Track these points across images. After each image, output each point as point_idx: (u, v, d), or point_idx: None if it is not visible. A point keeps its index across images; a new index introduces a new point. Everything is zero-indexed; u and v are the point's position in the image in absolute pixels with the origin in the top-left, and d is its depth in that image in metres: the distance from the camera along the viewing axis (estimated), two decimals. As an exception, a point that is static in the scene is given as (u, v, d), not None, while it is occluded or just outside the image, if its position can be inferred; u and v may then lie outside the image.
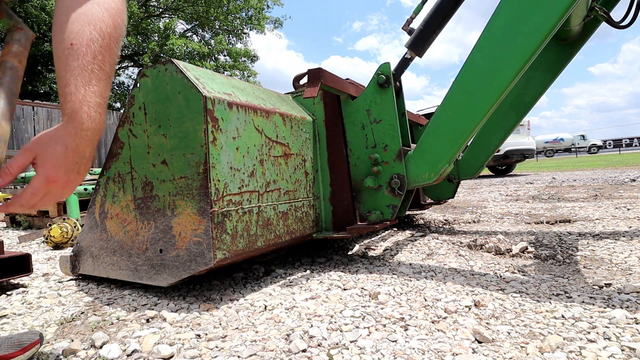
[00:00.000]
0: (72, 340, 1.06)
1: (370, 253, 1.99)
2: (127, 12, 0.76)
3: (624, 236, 2.07)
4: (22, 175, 4.02)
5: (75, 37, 0.66)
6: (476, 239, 2.08)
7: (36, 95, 12.06)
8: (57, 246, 2.54)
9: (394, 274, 1.57)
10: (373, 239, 2.37)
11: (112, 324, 1.18)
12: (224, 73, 13.77)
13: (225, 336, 1.05)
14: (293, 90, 1.99)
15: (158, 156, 1.34)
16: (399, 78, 1.81)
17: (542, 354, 0.88)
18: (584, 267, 1.59)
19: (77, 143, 0.65)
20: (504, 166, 9.90)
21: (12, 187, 4.29)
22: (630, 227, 2.30)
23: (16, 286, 1.62)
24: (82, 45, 0.66)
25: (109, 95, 0.72)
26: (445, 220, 2.94)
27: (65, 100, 0.65)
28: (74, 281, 1.66)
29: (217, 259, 1.23)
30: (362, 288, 1.40)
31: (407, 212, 2.72)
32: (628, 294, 1.22)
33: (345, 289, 1.40)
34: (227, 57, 16.68)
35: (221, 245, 1.25)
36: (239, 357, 0.93)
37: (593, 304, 1.16)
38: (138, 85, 1.38)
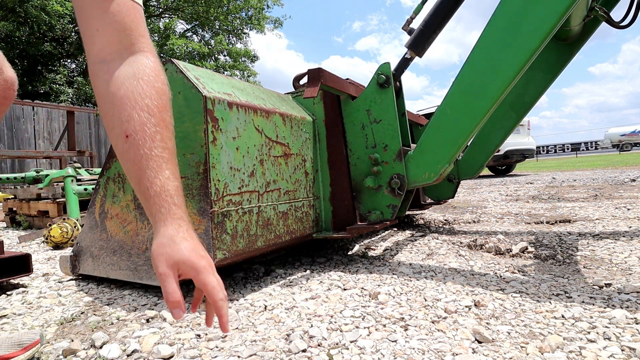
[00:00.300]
0: (72, 340, 1.06)
1: (370, 253, 1.99)
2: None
3: (624, 236, 2.07)
4: (22, 175, 4.02)
5: (127, 126, 0.63)
6: (476, 239, 2.08)
7: (36, 95, 12.06)
8: (57, 246, 2.54)
9: (394, 274, 1.57)
10: (373, 239, 2.37)
11: (112, 324, 1.18)
12: (224, 73, 13.78)
13: (225, 336, 1.05)
14: (293, 90, 1.99)
15: (158, 156, 1.34)
16: (399, 78, 1.81)
17: (542, 354, 0.88)
18: (584, 267, 1.59)
19: (187, 229, 0.63)
20: (504, 166, 9.90)
21: (13, 187, 4.29)
22: (630, 227, 2.30)
23: (16, 286, 1.62)
24: (137, 132, 0.63)
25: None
26: (445, 220, 2.94)
27: (145, 198, 0.63)
28: (74, 281, 1.66)
29: (217, 259, 1.23)
30: (362, 288, 1.40)
31: (407, 212, 2.72)
32: (628, 294, 1.22)
33: (345, 289, 1.40)
34: (227, 57, 16.68)
35: (221, 245, 1.25)
36: (239, 357, 0.93)
37: (593, 304, 1.16)
38: (138, 85, 1.38)
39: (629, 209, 2.94)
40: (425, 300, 1.26)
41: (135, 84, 0.65)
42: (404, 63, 1.81)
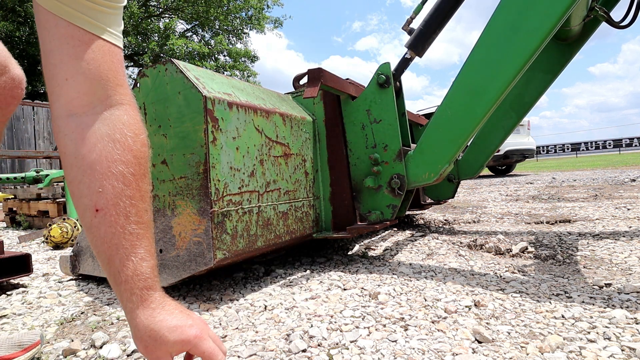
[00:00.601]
0: (72, 340, 1.06)
1: (370, 253, 1.99)
2: (141, 121, 0.63)
3: (624, 236, 2.07)
4: (22, 175, 4.02)
5: (97, 199, 0.55)
6: (476, 239, 2.08)
7: (36, 95, 12.06)
8: (57, 246, 2.54)
9: (394, 274, 1.57)
10: (373, 239, 2.37)
11: (112, 324, 1.18)
12: (224, 73, 13.78)
13: (225, 336, 1.05)
14: (293, 90, 1.99)
15: (158, 156, 1.34)
16: (399, 78, 1.81)
17: (542, 354, 0.88)
18: (584, 267, 1.59)
19: (161, 309, 0.58)
20: (504, 166, 9.91)
21: (12, 187, 4.29)
22: (630, 227, 2.30)
23: (16, 286, 1.62)
24: (109, 207, 0.55)
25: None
26: (445, 220, 2.94)
27: (115, 282, 0.57)
28: (74, 281, 1.66)
29: (217, 259, 1.23)
30: (362, 288, 1.40)
31: (407, 212, 2.72)
32: (628, 294, 1.22)
33: (345, 289, 1.40)
34: (227, 57, 16.68)
35: (221, 245, 1.25)
36: (239, 357, 0.93)
37: (593, 304, 1.16)
38: (138, 85, 1.38)
39: (629, 209, 2.94)
40: (425, 300, 1.26)
41: (111, 147, 0.56)
42: (404, 63, 1.81)
